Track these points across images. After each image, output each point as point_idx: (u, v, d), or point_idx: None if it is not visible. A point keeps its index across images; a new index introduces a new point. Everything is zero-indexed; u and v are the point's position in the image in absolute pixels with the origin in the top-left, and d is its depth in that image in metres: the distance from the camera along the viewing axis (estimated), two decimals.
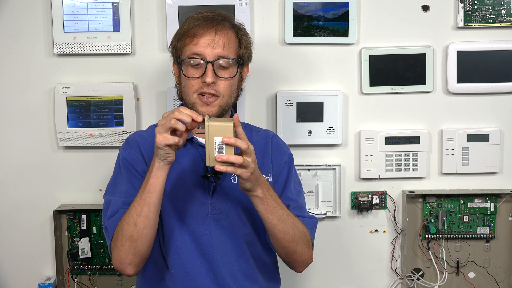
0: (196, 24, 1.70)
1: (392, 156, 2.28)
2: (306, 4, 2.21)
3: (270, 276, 1.84)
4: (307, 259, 1.78)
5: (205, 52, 1.68)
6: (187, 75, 1.71)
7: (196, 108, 1.70)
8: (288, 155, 1.87)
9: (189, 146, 1.75)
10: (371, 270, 2.36)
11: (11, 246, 2.30)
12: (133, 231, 1.60)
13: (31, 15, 2.21)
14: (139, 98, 2.26)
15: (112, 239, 1.65)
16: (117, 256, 1.64)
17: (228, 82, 1.71)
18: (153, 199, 1.60)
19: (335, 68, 2.27)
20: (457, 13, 2.23)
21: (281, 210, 1.68)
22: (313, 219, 1.82)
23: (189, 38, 1.70)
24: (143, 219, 1.60)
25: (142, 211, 1.60)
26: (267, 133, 1.90)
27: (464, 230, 2.32)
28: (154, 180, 1.59)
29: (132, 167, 1.73)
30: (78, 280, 2.30)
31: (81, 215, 2.27)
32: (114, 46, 2.21)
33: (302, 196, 1.86)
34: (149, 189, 1.60)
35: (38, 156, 2.27)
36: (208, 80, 1.67)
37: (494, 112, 2.29)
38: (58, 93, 2.21)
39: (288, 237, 1.70)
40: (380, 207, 2.32)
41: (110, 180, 1.76)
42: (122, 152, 1.77)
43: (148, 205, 1.60)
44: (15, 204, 2.29)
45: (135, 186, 1.69)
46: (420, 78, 2.25)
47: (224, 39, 1.70)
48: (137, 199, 1.61)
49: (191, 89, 1.70)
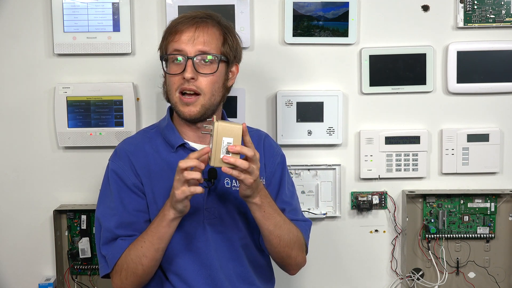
0: (179, 21, 1.70)
1: (392, 156, 2.28)
2: (306, 4, 2.21)
3: (266, 277, 1.85)
4: (301, 263, 1.81)
5: (186, 48, 1.67)
6: (169, 71, 1.70)
7: (177, 108, 1.69)
8: (281, 156, 1.87)
9: (181, 151, 1.74)
10: (371, 270, 2.36)
11: (11, 246, 2.30)
12: (139, 269, 1.64)
13: (31, 15, 2.21)
14: (139, 98, 2.26)
15: (114, 269, 1.67)
16: (119, 285, 1.67)
17: (209, 78, 1.68)
18: (163, 245, 1.63)
19: (335, 68, 2.27)
20: (457, 13, 2.23)
21: (278, 217, 1.69)
22: (307, 222, 1.85)
23: (171, 35, 1.70)
24: (150, 261, 1.63)
25: (149, 254, 1.62)
26: (259, 134, 1.89)
27: (464, 230, 2.32)
28: (167, 229, 1.61)
29: (120, 180, 1.71)
30: (78, 280, 2.30)
31: (81, 215, 2.27)
32: (114, 46, 2.21)
33: (296, 197, 1.88)
34: (160, 237, 1.61)
35: (38, 156, 2.27)
36: (187, 76, 1.65)
37: (494, 112, 2.29)
38: (58, 93, 2.21)
39: (283, 243, 1.71)
40: (380, 207, 2.32)
41: (100, 192, 1.76)
42: (111, 163, 1.75)
43: (157, 250, 1.63)
44: (15, 204, 2.29)
45: (124, 203, 1.69)
46: (420, 78, 2.25)
47: (205, 35, 1.68)
48: (145, 241, 1.62)
49: (173, 87, 1.69)
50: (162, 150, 1.75)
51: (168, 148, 1.75)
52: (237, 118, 2.22)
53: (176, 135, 1.75)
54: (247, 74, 2.23)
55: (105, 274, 1.70)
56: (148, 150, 1.75)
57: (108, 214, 1.69)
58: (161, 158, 1.74)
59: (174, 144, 1.74)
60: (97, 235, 1.73)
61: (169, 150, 1.75)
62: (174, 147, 1.74)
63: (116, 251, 1.66)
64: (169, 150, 1.75)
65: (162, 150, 1.75)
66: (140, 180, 1.72)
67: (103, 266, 1.70)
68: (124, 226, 1.68)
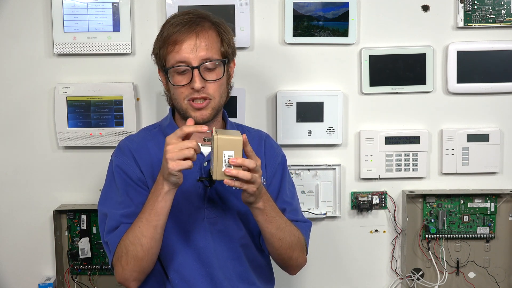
0: (176, 30, 1.67)
1: (392, 156, 2.28)
2: (306, 4, 2.21)
3: (266, 277, 1.85)
4: (302, 263, 1.82)
5: (189, 58, 1.65)
6: (175, 83, 1.69)
7: (188, 114, 1.68)
8: (282, 157, 1.87)
9: None
10: (371, 270, 2.36)
11: (11, 246, 2.30)
12: (139, 251, 1.61)
13: (31, 15, 2.21)
14: (139, 98, 2.26)
15: (115, 255, 1.65)
16: (121, 273, 1.65)
17: (217, 83, 1.69)
18: (161, 222, 1.60)
19: (335, 68, 2.27)
20: (457, 13, 2.23)
21: (280, 219, 1.69)
22: (308, 223, 1.85)
23: (170, 46, 1.67)
24: (149, 240, 1.61)
25: (148, 233, 1.60)
26: (260, 134, 1.89)
27: (464, 230, 2.32)
28: (163, 204, 1.58)
29: (126, 175, 1.71)
30: (78, 280, 2.30)
31: (81, 215, 2.26)
32: (114, 46, 2.21)
33: (296, 197, 1.88)
34: (157, 212, 1.59)
35: (38, 156, 2.27)
36: (197, 86, 1.65)
37: (494, 112, 2.29)
38: (58, 93, 2.21)
39: (285, 245, 1.72)
40: (380, 207, 2.32)
41: (104, 189, 1.75)
42: (114, 159, 1.74)
43: (155, 227, 1.60)
44: (15, 204, 2.29)
45: (130, 196, 1.68)
46: (420, 78, 2.25)
47: (206, 40, 1.67)
48: (142, 220, 1.61)
49: (180, 96, 1.68)
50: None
51: None
52: (237, 118, 2.22)
53: None
54: (247, 74, 2.23)
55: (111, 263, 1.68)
56: (151, 148, 1.75)
57: (114, 207, 1.69)
58: None
59: None
60: (101, 227, 1.72)
61: None
62: None
63: (117, 236, 1.65)
64: None
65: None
66: (144, 177, 1.72)
67: (108, 253, 1.69)
68: (131, 217, 1.66)
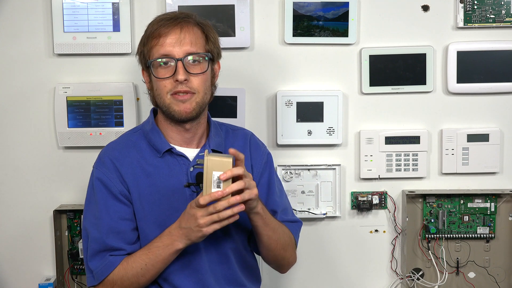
0: (160, 24, 1.66)
1: (392, 156, 2.28)
2: (306, 4, 2.21)
3: (254, 277, 1.85)
4: (293, 262, 1.84)
5: (173, 50, 1.64)
6: (158, 76, 1.66)
7: (172, 109, 1.66)
8: (268, 155, 1.87)
9: (167, 156, 1.72)
10: (371, 270, 2.36)
11: (11, 246, 2.30)
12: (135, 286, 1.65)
13: (31, 15, 2.21)
14: (139, 98, 2.26)
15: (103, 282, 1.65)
16: None
17: (201, 77, 1.67)
18: (165, 266, 1.65)
19: (335, 68, 2.27)
20: (457, 13, 2.23)
21: (274, 221, 1.71)
22: (298, 223, 1.87)
23: (154, 39, 1.66)
24: (147, 280, 1.66)
25: (149, 275, 1.65)
26: (244, 133, 1.88)
27: (464, 230, 2.32)
28: (173, 256, 1.63)
29: (106, 188, 1.68)
30: (78, 280, 2.30)
31: (81, 215, 2.26)
32: (114, 46, 2.21)
33: (284, 194, 1.89)
34: (165, 262, 1.64)
35: (38, 156, 2.27)
36: (180, 78, 1.63)
37: (494, 112, 2.29)
38: (58, 93, 2.21)
39: (280, 245, 1.73)
40: (380, 207, 2.32)
41: (85, 201, 1.74)
42: (95, 171, 1.72)
43: (159, 270, 1.65)
44: (15, 204, 2.29)
45: (109, 211, 1.67)
46: (420, 78, 2.25)
47: (191, 35, 1.66)
48: (146, 264, 1.63)
49: (164, 90, 1.66)
50: (148, 155, 1.72)
51: (153, 152, 1.72)
52: (237, 118, 2.22)
53: (162, 139, 1.72)
54: (247, 74, 2.23)
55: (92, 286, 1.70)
56: (133, 156, 1.72)
57: (94, 224, 1.67)
58: (147, 163, 1.71)
59: (160, 149, 1.71)
60: (84, 245, 1.71)
61: (155, 155, 1.72)
62: (161, 152, 1.71)
63: (105, 268, 1.64)
64: (155, 155, 1.72)
65: (148, 155, 1.72)
66: (127, 187, 1.69)
67: (90, 279, 1.69)
68: (113, 234, 1.66)
